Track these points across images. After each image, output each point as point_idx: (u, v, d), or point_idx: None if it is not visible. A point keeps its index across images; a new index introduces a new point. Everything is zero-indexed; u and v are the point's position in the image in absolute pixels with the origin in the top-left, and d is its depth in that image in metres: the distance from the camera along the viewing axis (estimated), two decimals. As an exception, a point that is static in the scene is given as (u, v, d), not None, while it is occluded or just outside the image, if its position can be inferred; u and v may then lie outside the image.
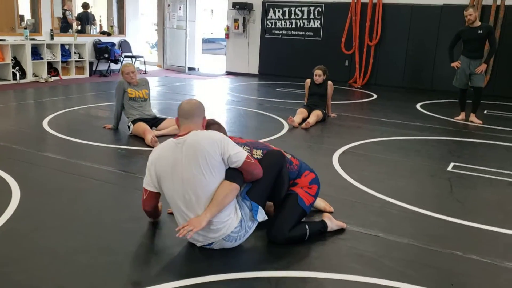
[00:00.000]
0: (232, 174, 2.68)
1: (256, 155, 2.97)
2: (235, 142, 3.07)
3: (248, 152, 2.92)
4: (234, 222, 2.68)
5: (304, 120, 6.63)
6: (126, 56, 12.13)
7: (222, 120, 6.82)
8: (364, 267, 2.69)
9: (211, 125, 3.16)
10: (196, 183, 2.61)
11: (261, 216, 2.78)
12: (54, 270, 2.53)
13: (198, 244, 2.75)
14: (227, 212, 2.66)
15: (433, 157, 5.13)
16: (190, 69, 13.42)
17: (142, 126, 5.37)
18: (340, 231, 3.15)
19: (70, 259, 2.64)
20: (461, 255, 2.88)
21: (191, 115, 2.77)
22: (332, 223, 3.12)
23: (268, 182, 2.81)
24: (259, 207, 2.76)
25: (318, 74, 6.96)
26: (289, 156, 3.15)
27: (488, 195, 4.03)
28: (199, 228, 2.55)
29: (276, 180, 2.85)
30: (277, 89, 10.19)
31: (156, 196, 2.85)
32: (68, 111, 6.83)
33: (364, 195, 3.87)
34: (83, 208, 3.38)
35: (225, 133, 3.12)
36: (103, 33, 12.19)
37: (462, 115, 7.42)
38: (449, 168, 4.70)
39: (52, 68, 10.44)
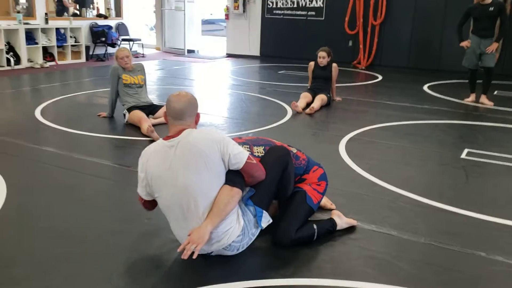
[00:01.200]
0: (232, 177, 2.40)
1: (258, 152, 2.70)
2: (239, 140, 2.84)
3: (248, 151, 2.65)
4: (236, 231, 2.40)
5: (308, 104, 6.35)
6: (123, 40, 11.81)
7: (223, 105, 6.54)
8: (377, 271, 2.45)
9: None
10: (195, 189, 2.32)
11: (266, 220, 2.51)
12: (36, 279, 2.29)
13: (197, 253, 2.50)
14: (229, 221, 2.38)
15: (445, 143, 4.86)
16: (189, 51, 13.08)
17: (138, 114, 5.11)
18: (350, 229, 2.91)
19: (53, 267, 2.40)
20: (484, 257, 2.63)
21: (182, 115, 2.41)
22: (342, 221, 2.87)
23: (272, 182, 2.54)
24: (264, 211, 2.50)
25: (322, 56, 6.66)
26: (294, 151, 2.89)
27: (508, 185, 3.76)
28: (203, 244, 2.27)
29: (281, 178, 2.58)
30: (279, 72, 9.87)
31: (154, 201, 2.56)
32: (62, 99, 6.56)
33: (374, 187, 3.61)
34: (70, 207, 3.13)
35: None
36: (99, 16, 11.83)
37: (472, 97, 7.12)
38: (463, 155, 4.43)
39: (47, 53, 10.13)
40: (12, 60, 9.29)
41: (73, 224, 2.89)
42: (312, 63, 6.83)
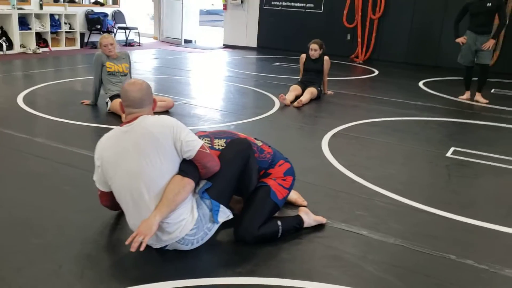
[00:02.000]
0: (185, 167, 2.32)
1: (218, 145, 2.59)
2: (202, 133, 2.75)
3: (208, 143, 2.57)
4: (189, 224, 2.30)
5: (297, 98, 6.23)
6: (119, 28, 11.67)
7: (211, 96, 6.43)
8: (339, 272, 2.34)
9: None
10: (145, 176, 2.25)
11: (224, 215, 2.40)
12: (-18, 272, 2.20)
13: (154, 247, 2.40)
14: (180, 211, 2.28)
15: (432, 141, 4.73)
16: (187, 41, 12.95)
17: (120, 101, 4.99)
18: (319, 227, 2.80)
19: (2, 257, 2.30)
20: (454, 260, 2.52)
21: (141, 104, 2.37)
22: (310, 218, 2.76)
23: (231, 176, 2.43)
24: (221, 206, 2.38)
25: (314, 49, 6.53)
26: (259, 144, 2.77)
27: (490, 186, 3.64)
28: (151, 235, 2.17)
29: (242, 172, 2.46)
30: (274, 64, 9.74)
31: (111, 194, 2.48)
32: (49, 85, 6.46)
33: (351, 184, 3.50)
34: (34, 196, 3.03)
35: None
36: (95, 3, 11.68)
37: (467, 94, 6.99)
38: (449, 154, 4.31)
39: (41, 39, 10.01)
40: (4, 45, 9.18)
41: (34, 213, 2.79)
42: (303, 56, 6.70)
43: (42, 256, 2.34)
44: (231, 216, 2.44)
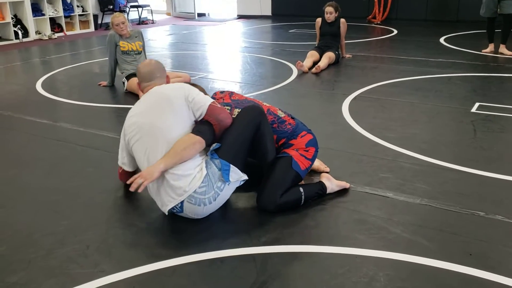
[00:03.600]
0: (200, 127, 2.43)
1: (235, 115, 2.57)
2: (219, 102, 2.74)
3: (228, 110, 2.64)
4: (197, 181, 2.31)
5: (315, 63, 6.13)
6: (132, 6, 11.61)
7: (228, 69, 6.38)
8: (365, 236, 2.32)
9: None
10: (157, 130, 2.37)
11: (235, 176, 2.39)
12: (18, 252, 2.24)
13: (167, 209, 2.39)
14: (188, 166, 2.32)
15: (456, 97, 4.61)
16: (200, 15, 12.82)
17: (136, 81, 4.99)
18: (342, 192, 2.77)
19: (36, 240, 2.35)
20: (483, 216, 2.47)
21: (152, 76, 2.65)
22: (332, 184, 2.73)
23: (242, 139, 2.44)
24: (231, 166, 2.37)
25: (329, 12, 6.38)
26: (282, 115, 2.73)
27: (518, 139, 3.54)
28: (151, 180, 2.25)
29: (254, 137, 2.47)
30: (290, 31, 9.58)
31: (130, 174, 2.66)
32: (65, 69, 6.49)
33: (374, 147, 3.45)
34: (58, 179, 3.07)
35: (203, 90, 2.76)
36: (106, -17, 11.61)
37: (491, 47, 6.77)
38: (473, 109, 4.20)
39: (55, 24, 10.05)
40: (20, 33, 9.25)
41: (61, 196, 2.83)
42: (319, 20, 6.56)
43: (71, 237, 2.38)
44: (244, 177, 2.43)
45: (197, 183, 2.31)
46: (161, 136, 2.35)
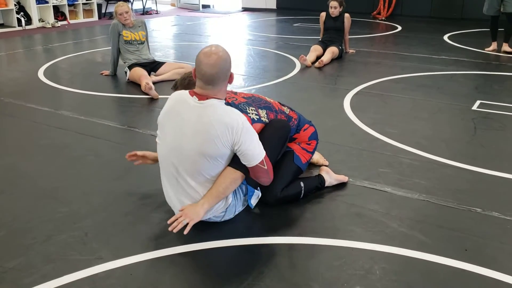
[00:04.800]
0: (239, 160, 2.17)
1: (264, 117, 2.47)
2: (232, 99, 2.48)
3: (256, 115, 2.43)
4: (220, 208, 2.28)
5: (318, 58, 6.12)
6: (136, -4, 11.58)
7: (232, 61, 6.35)
8: (362, 229, 2.33)
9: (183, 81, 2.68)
10: (191, 156, 2.14)
11: (255, 197, 2.40)
12: (17, 237, 2.26)
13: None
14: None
15: (458, 95, 4.61)
16: (205, 6, 12.79)
17: (138, 71, 5.00)
18: (341, 186, 2.78)
19: (35, 226, 2.36)
20: (480, 213, 2.48)
21: (212, 81, 2.13)
22: (331, 177, 2.74)
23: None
24: (255, 190, 2.38)
25: (334, 6, 6.36)
26: (287, 111, 2.71)
27: (518, 138, 3.54)
28: (197, 220, 2.13)
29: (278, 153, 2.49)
30: (294, 25, 9.56)
31: None
32: (68, 58, 6.49)
33: (374, 142, 3.45)
34: (58, 167, 3.08)
35: None
36: (111, -28, 11.58)
37: (494, 45, 6.74)
38: (475, 107, 4.20)
39: (59, 12, 10.03)
40: (23, 20, 9.23)
41: (61, 183, 2.84)
42: (323, 14, 6.54)
43: (70, 224, 2.39)
44: (260, 195, 2.44)
45: (219, 210, 2.28)
46: (193, 164, 2.15)
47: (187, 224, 2.11)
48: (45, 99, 4.56)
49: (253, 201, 2.40)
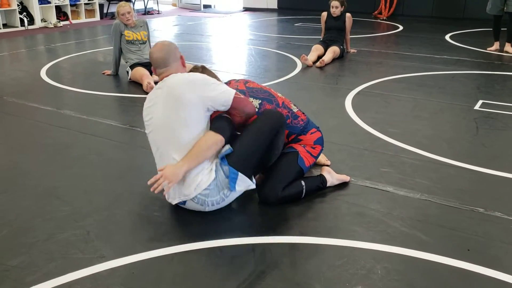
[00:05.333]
0: (219, 125, 2.34)
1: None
2: (235, 88, 2.63)
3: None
4: (204, 183, 2.30)
5: (319, 57, 6.12)
6: (138, -4, 11.59)
7: (232, 61, 6.38)
8: (364, 229, 2.33)
9: (196, 70, 2.78)
10: (169, 129, 2.31)
11: (243, 184, 2.35)
12: (18, 236, 2.26)
13: (173, 202, 2.43)
14: (199, 169, 2.30)
15: (459, 94, 4.60)
16: (206, 6, 12.80)
17: (140, 71, 5.00)
18: (343, 185, 2.78)
19: (37, 224, 2.37)
20: (482, 213, 2.48)
21: (165, 61, 2.46)
22: (333, 177, 2.74)
23: (257, 147, 2.36)
24: (239, 174, 2.32)
25: (335, 6, 6.36)
26: (295, 110, 2.71)
27: (520, 137, 3.54)
28: (176, 181, 2.24)
29: (268, 145, 2.40)
30: (295, 25, 9.56)
31: None
32: (70, 57, 6.50)
33: (376, 141, 3.45)
34: (60, 166, 3.09)
35: (215, 77, 2.74)
36: (113, -28, 11.59)
37: (496, 45, 6.74)
38: (477, 107, 4.19)
39: (61, 12, 10.05)
40: (25, 20, 9.25)
41: (63, 182, 2.85)
42: (324, 14, 6.54)
43: (72, 222, 2.40)
44: (252, 186, 2.40)
45: (203, 185, 2.30)
46: (173, 136, 2.30)
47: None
48: (48, 98, 4.57)
49: (239, 187, 2.34)
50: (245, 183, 2.36)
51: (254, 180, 2.44)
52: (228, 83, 2.76)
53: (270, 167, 2.58)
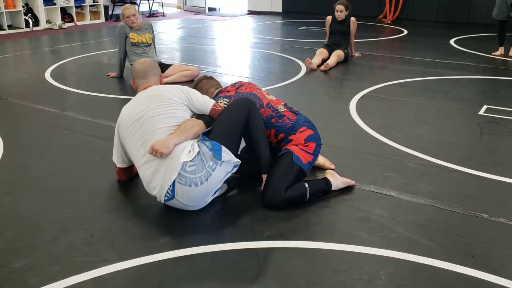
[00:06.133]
0: (200, 115, 2.58)
1: None
2: (226, 93, 2.79)
3: (224, 104, 2.69)
4: (186, 156, 2.34)
5: (324, 61, 6.12)
6: (143, -2, 11.62)
7: (236, 64, 6.38)
8: (368, 234, 2.32)
9: (200, 81, 3.01)
10: (154, 117, 2.44)
11: (227, 156, 2.39)
12: (24, 239, 2.27)
13: (162, 198, 2.42)
14: (184, 144, 2.39)
15: (464, 99, 4.59)
16: (211, 9, 12.83)
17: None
18: (347, 189, 2.77)
19: (41, 227, 2.37)
20: (486, 218, 2.47)
21: (146, 73, 2.71)
22: (337, 181, 2.74)
23: (232, 123, 2.49)
24: (222, 146, 2.39)
25: (340, 10, 6.36)
26: (282, 110, 2.73)
27: (524, 143, 3.53)
28: (167, 152, 2.33)
29: (245, 126, 2.51)
30: (300, 28, 9.57)
31: (126, 169, 2.80)
32: (75, 59, 6.52)
33: (380, 146, 3.44)
34: (64, 168, 3.09)
35: (217, 84, 2.90)
36: (118, -26, 11.63)
37: (501, 50, 6.73)
38: (481, 112, 4.18)
39: (66, 14, 10.08)
40: (30, 21, 9.29)
41: (67, 184, 2.85)
42: (329, 17, 6.55)
43: (76, 225, 2.40)
44: (235, 160, 2.43)
45: (188, 157, 2.34)
46: (159, 121, 2.43)
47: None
48: (52, 100, 4.59)
49: (225, 157, 2.37)
50: (229, 155, 2.41)
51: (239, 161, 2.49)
52: (225, 88, 2.90)
53: (269, 172, 2.58)
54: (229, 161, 2.40)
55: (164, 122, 2.43)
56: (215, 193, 2.49)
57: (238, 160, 2.46)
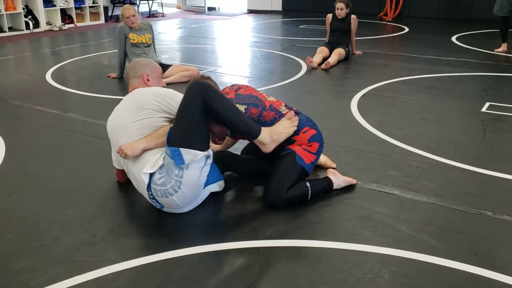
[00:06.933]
0: None
1: None
2: (225, 94, 2.72)
3: None
4: (154, 166, 2.33)
5: (325, 59, 6.11)
6: (142, -1, 11.62)
7: (236, 63, 6.37)
8: (371, 232, 2.31)
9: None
10: (125, 128, 2.46)
11: (189, 156, 2.26)
12: (25, 240, 2.26)
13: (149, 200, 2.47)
14: (147, 156, 2.38)
15: (466, 97, 4.58)
16: (210, 9, 12.82)
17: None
18: (349, 188, 2.76)
19: (42, 228, 2.36)
20: (490, 216, 2.45)
21: (128, 77, 2.73)
22: (339, 179, 2.72)
23: (187, 117, 2.28)
24: (180, 149, 2.25)
25: (340, 8, 6.35)
26: (284, 111, 2.68)
27: (527, 140, 3.51)
28: (133, 154, 2.36)
29: (206, 114, 2.28)
30: (300, 27, 9.55)
31: (124, 171, 2.71)
32: (75, 60, 6.52)
33: (382, 144, 3.43)
34: (65, 169, 3.09)
35: (215, 85, 2.81)
36: (117, -25, 11.62)
37: (504, 47, 6.71)
38: (484, 109, 4.17)
39: (66, 16, 10.09)
40: (30, 23, 9.29)
41: (68, 185, 2.84)
42: (330, 16, 6.53)
43: (77, 226, 2.39)
44: (202, 154, 2.30)
45: (152, 169, 2.32)
46: (129, 129, 2.43)
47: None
48: (53, 101, 4.58)
49: (186, 159, 2.26)
50: (191, 154, 2.26)
51: (210, 151, 2.40)
52: (223, 90, 2.79)
53: (271, 171, 2.57)
54: (196, 159, 2.29)
55: (135, 131, 2.42)
56: (205, 187, 2.48)
57: (207, 152, 2.34)
